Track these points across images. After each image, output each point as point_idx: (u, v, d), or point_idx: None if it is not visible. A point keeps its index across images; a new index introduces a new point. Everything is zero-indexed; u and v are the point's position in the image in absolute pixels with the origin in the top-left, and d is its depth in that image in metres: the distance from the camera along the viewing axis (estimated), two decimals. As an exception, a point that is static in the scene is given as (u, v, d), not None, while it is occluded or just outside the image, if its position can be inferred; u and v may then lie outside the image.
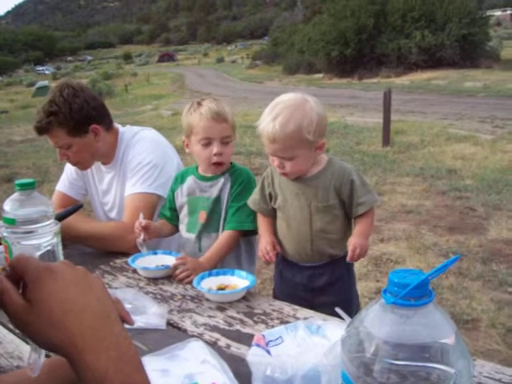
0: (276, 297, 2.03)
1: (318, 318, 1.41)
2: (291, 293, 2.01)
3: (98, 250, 2.23)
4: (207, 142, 2.03)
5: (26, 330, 0.74)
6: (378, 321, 0.81)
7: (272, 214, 2.06)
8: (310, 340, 1.23)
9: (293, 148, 1.85)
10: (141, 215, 2.03)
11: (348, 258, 1.91)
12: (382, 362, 0.77)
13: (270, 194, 2.05)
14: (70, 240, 2.13)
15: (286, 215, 2.01)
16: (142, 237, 2.00)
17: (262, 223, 2.09)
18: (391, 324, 0.80)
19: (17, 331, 1.45)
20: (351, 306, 2.05)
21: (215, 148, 2.03)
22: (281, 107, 1.84)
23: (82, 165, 2.45)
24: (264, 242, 2.02)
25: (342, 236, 2.01)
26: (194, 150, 2.09)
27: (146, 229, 2.00)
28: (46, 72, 77.49)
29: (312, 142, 1.86)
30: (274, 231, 2.06)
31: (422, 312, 0.79)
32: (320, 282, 2.00)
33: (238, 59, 66.68)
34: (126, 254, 2.10)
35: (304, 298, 1.93)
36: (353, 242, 1.92)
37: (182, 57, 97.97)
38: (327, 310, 1.51)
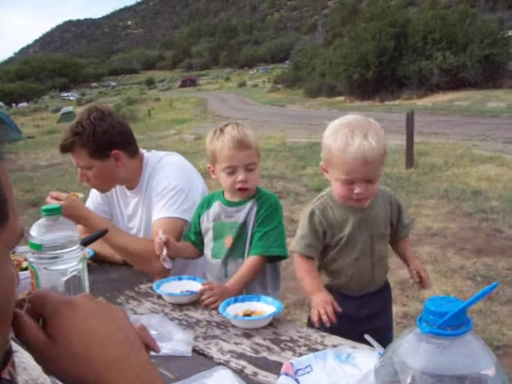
0: (312, 326, 1.92)
1: (347, 346, 1.38)
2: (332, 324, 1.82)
3: (126, 263, 2.32)
4: (231, 171, 2.01)
5: (49, 365, 0.73)
6: (413, 351, 0.78)
7: (318, 257, 1.97)
8: (340, 369, 1.20)
9: (380, 166, 1.79)
10: (160, 232, 2.03)
11: (426, 287, 1.96)
12: (418, 394, 0.74)
13: (324, 232, 1.92)
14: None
15: (348, 249, 1.93)
16: (164, 252, 1.98)
17: (310, 273, 1.92)
18: (427, 354, 0.77)
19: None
20: (392, 331, 2.03)
21: (240, 176, 2.00)
22: (360, 126, 1.75)
23: (101, 188, 2.48)
24: (321, 302, 1.79)
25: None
26: (219, 177, 2.08)
27: (166, 244, 1.98)
28: (71, 98, 79.10)
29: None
30: (321, 268, 2.01)
31: (460, 342, 0.76)
32: (369, 310, 1.98)
33: (260, 83, 67.18)
34: (151, 280, 2.10)
35: (347, 328, 1.74)
36: (419, 266, 1.99)
37: (204, 81, 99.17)
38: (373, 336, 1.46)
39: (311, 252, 1.93)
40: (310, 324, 2.01)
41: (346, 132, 1.74)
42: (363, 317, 1.96)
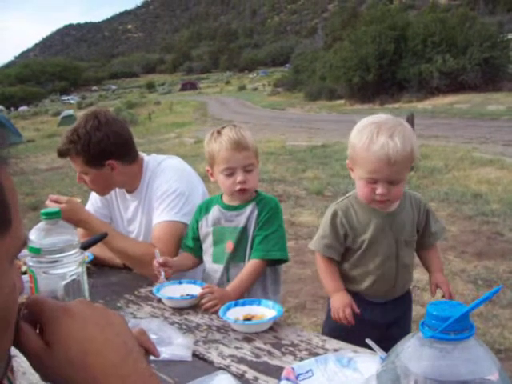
0: (326, 333, 1.89)
1: (348, 350, 1.37)
2: (355, 330, 1.81)
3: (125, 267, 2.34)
4: (230, 172, 2.00)
5: (46, 372, 0.72)
6: (415, 355, 0.77)
7: (338, 258, 1.95)
8: (341, 373, 1.19)
9: (405, 169, 1.76)
10: (156, 252, 2.01)
11: (448, 298, 1.96)
12: (421, 399, 0.73)
13: (345, 234, 1.91)
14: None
15: (372, 252, 1.90)
16: (162, 275, 1.96)
17: (329, 274, 1.93)
18: (430, 359, 0.76)
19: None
20: None
21: (238, 177, 1.99)
22: (389, 125, 1.72)
23: (99, 192, 2.50)
24: (341, 304, 1.84)
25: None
26: (218, 179, 2.07)
27: (164, 265, 1.96)
28: (72, 101, 79.15)
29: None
30: (344, 272, 1.98)
31: (463, 347, 0.75)
32: (391, 317, 1.98)
33: (260, 86, 67.22)
34: (151, 284, 2.09)
35: (370, 334, 1.64)
36: (441, 281, 1.97)
37: (204, 85, 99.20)
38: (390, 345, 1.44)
39: (331, 253, 1.93)
40: (324, 332, 1.98)
41: (372, 130, 1.72)
42: (387, 323, 1.96)
